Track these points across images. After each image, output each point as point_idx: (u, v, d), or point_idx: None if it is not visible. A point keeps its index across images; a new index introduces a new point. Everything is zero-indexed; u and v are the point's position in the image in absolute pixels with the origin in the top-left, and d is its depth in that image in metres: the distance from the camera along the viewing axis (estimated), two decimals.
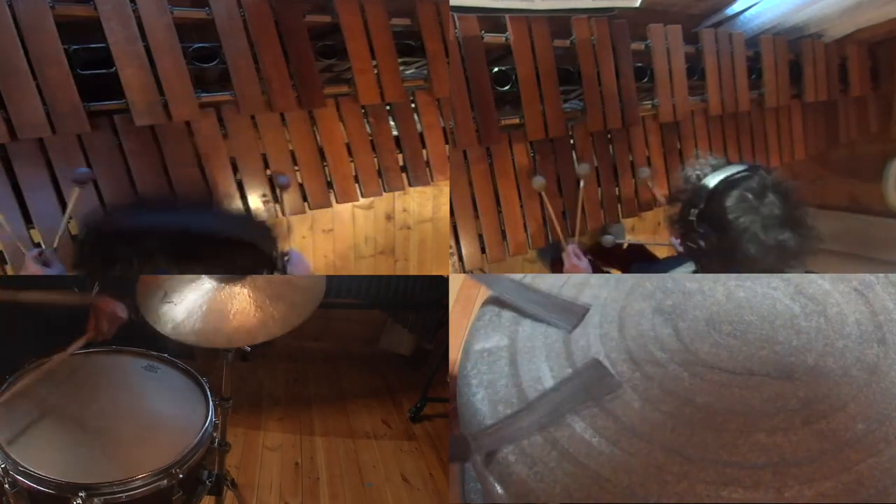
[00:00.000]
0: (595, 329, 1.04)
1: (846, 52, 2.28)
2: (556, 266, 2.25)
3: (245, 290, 1.10)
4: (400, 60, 1.66)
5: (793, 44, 2.13)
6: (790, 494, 0.74)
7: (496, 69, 1.67)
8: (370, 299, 2.34)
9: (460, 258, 1.65)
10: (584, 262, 1.58)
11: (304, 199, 1.57)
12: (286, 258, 1.29)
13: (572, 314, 1.05)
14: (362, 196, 1.63)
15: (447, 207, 1.66)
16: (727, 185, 1.12)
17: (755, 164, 1.18)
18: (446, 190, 1.69)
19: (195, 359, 1.85)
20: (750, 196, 1.09)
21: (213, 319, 1.06)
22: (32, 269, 1.19)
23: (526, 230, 1.72)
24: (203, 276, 1.11)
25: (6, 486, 0.96)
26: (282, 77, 1.50)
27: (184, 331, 1.05)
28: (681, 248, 1.58)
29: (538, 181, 1.65)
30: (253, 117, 1.49)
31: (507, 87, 1.67)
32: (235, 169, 1.48)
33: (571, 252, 1.58)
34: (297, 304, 1.13)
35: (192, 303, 1.08)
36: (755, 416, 0.84)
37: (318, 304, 1.15)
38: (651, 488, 0.77)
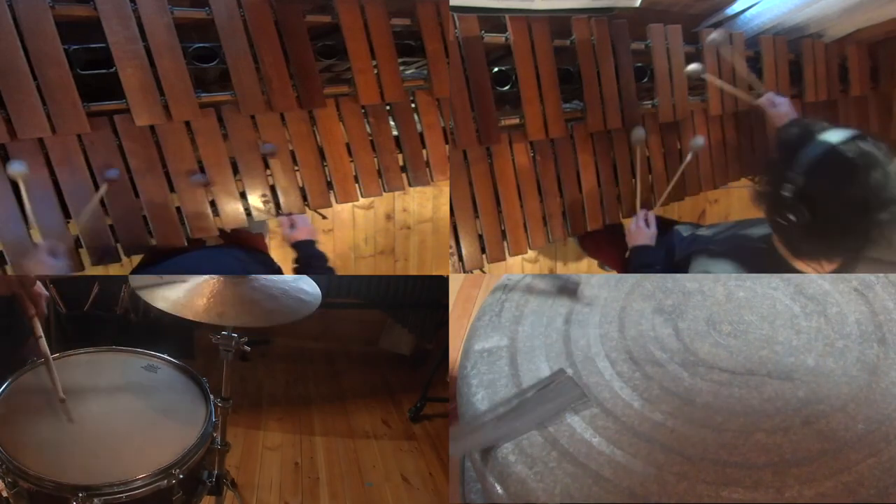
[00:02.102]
0: (595, 329, 1.04)
1: (846, 52, 2.28)
2: (585, 240, 2.22)
3: (220, 287, 1.23)
4: (400, 60, 1.66)
5: (793, 44, 2.13)
6: (790, 494, 0.74)
7: (496, 69, 1.67)
8: (370, 299, 2.34)
9: (460, 258, 1.65)
10: (652, 230, 1.56)
11: (304, 199, 1.57)
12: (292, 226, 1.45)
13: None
14: (362, 196, 1.63)
15: (447, 207, 1.66)
16: (833, 155, 1.01)
17: (858, 132, 1.05)
18: (446, 190, 1.69)
19: (195, 359, 1.86)
20: (859, 168, 0.98)
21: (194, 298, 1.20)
22: (42, 258, 1.21)
23: (526, 230, 1.72)
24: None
25: (6, 485, 0.96)
26: (282, 77, 1.50)
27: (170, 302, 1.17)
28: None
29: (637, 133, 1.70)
30: (253, 117, 1.49)
31: (507, 87, 1.67)
32: (235, 169, 1.48)
33: (641, 216, 1.58)
34: (260, 310, 1.22)
35: (180, 285, 1.22)
36: (755, 416, 0.84)
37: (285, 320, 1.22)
38: (651, 488, 0.77)
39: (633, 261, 1.60)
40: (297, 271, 1.44)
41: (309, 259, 1.45)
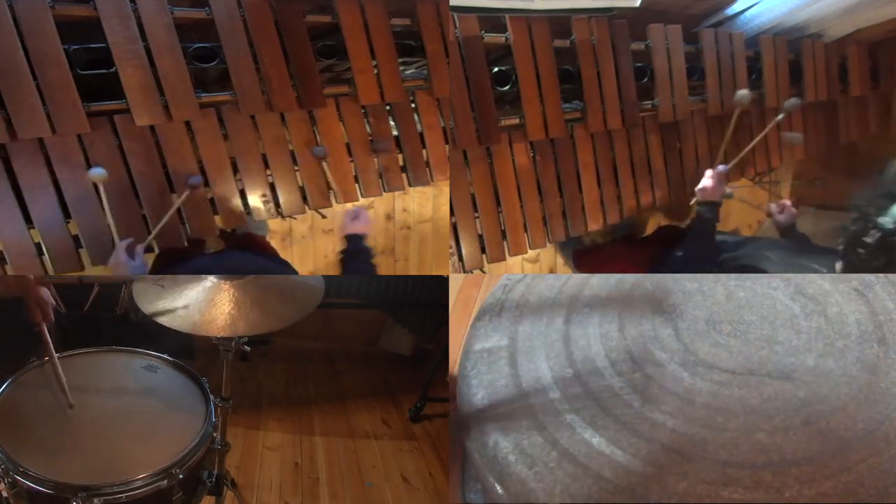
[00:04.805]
0: (595, 329, 1.04)
1: (846, 52, 2.28)
2: (579, 256, 2.23)
3: (231, 290, 1.20)
4: (400, 60, 1.66)
5: (793, 44, 2.13)
6: (790, 494, 0.74)
7: (496, 69, 1.67)
8: (370, 299, 2.34)
9: (460, 258, 1.65)
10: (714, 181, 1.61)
11: (304, 199, 1.57)
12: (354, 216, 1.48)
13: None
14: (362, 196, 1.63)
15: (447, 207, 1.66)
16: None
17: None
18: (446, 190, 1.69)
19: (195, 359, 1.85)
20: None
21: (196, 308, 1.17)
22: (120, 256, 1.26)
23: (526, 230, 1.72)
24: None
25: (6, 486, 0.96)
26: (282, 77, 1.50)
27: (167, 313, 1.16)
28: (780, 217, 1.67)
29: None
30: (253, 117, 1.49)
31: (507, 87, 1.67)
32: (235, 169, 1.48)
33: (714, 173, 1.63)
34: (273, 310, 1.20)
35: (184, 293, 1.19)
36: (755, 416, 0.84)
37: (304, 314, 1.21)
38: (651, 488, 0.77)
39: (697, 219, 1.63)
40: (342, 262, 1.49)
41: (356, 253, 1.49)
